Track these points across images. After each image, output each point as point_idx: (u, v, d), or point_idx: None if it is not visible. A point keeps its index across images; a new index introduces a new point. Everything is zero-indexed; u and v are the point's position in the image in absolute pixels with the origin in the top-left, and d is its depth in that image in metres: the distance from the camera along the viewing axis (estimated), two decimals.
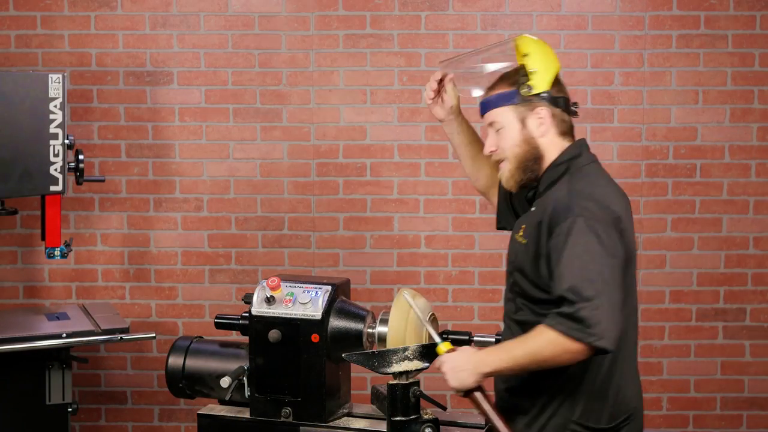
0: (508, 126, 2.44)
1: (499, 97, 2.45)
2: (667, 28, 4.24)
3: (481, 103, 2.51)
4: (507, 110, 2.44)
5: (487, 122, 2.48)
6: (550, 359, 2.22)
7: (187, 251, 4.33)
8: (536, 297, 2.38)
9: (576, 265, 2.20)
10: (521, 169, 2.44)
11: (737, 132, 4.25)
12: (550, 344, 2.19)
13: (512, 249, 2.49)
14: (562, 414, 2.37)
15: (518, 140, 2.43)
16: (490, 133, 2.49)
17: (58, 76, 3.55)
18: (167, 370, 3.00)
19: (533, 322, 2.30)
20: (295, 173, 4.31)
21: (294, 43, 4.28)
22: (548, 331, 2.20)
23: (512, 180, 2.47)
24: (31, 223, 4.25)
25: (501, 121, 2.45)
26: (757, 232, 4.28)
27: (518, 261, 2.42)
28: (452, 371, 2.33)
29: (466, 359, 2.32)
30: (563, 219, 2.27)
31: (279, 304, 2.83)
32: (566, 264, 2.22)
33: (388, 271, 4.32)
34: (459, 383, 2.33)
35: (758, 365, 4.31)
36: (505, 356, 2.28)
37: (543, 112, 2.42)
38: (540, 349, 2.21)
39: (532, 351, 2.23)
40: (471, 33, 4.26)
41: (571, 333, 2.16)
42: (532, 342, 2.23)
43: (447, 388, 4.39)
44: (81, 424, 4.33)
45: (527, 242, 2.39)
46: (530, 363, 2.25)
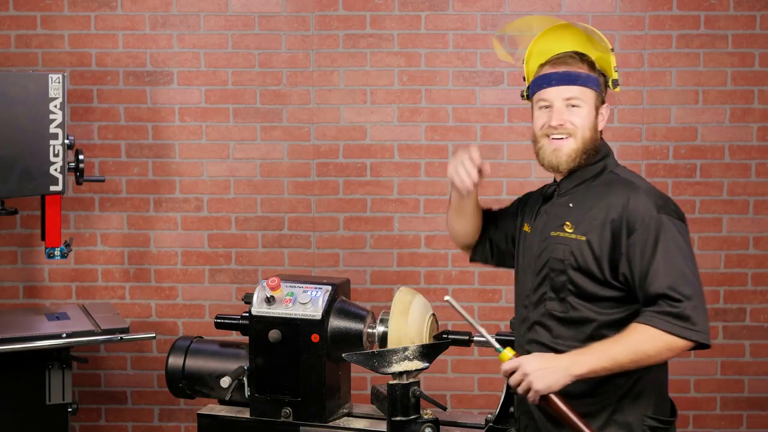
0: (587, 108, 2.43)
1: (588, 77, 2.43)
2: (667, 28, 4.24)
3: (565, 74, 2.43)
4: (590, 93, 2.43)
5: (564, 96, 2.42)
6: (653, 356, 2.25)
7: (187, 251, 4.33)
8: (600, 295, 2.36)
9: (673, 263, 2.25)
10: (584, 153, 2.43)
11: (737, 132, 4.25)
12: (655, 342, 2.22)
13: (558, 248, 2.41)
14: (638, 411, 2.38)
15: (591, 125, 2.43)
16: (559, 107, 2.42)
17: (58, 76, 3.55)
18: (167, 370, 3.00)
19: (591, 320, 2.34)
20: (295, 173, 4.31)
21: (294, 43, 4.28)
22: (651, 330, 2.22)
23: (571, 161, 2.43)
24: (31, 223, 4.25)
25: (585, 100, 2.43)
26: (757, 232, 4.28)
27: (576, 259, 2.37)
28: (540, 372, 2.27)
29: (555, 361, 2.29)
30: (648, 217, 2.29)
31: (279, 304, 2.83)
32: (663, 263, 2.25)
33: (388, 271, 4.32)
34: (546, 385, 2.26)
35: (758, 365, 4.31)
36: (604, 356, 2.25)
37: (606, 110, 2.47)
38: (643, 348, 2.23)
39: (634, 349, 2.24)
40: (471, 33, 4.26)
41: (676, 331, 2.21)
42: (634, 341, 2.24)
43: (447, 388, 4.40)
44: (81, 424, 4.33)
45: (589, 239, 2.35)
46: (631, 362, 2.26)
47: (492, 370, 4.30)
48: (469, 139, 4.27)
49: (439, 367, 4.18)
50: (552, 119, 2.42)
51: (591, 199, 2.41)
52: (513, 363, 2.31)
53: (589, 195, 2.42)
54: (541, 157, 2.46)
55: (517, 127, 4.26)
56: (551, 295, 2.43)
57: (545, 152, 2.45)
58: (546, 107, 2.45)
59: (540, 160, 2.48)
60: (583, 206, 2.41)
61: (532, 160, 4.27)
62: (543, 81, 2.45)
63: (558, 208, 2.48)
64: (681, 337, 2.22)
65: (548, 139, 2.44)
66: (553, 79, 2.43)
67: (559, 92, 2.42)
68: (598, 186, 2.43)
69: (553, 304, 2.43)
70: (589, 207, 2.40)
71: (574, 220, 2.40)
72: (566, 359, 2.29)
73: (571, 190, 2.47)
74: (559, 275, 2.40)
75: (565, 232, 2.40)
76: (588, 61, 2.46)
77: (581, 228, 2.38)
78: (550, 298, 2.43)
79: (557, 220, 2.45)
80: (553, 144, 2.43)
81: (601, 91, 2.46)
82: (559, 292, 2.41)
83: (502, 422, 2.76)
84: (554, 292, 2.42)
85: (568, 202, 2.45)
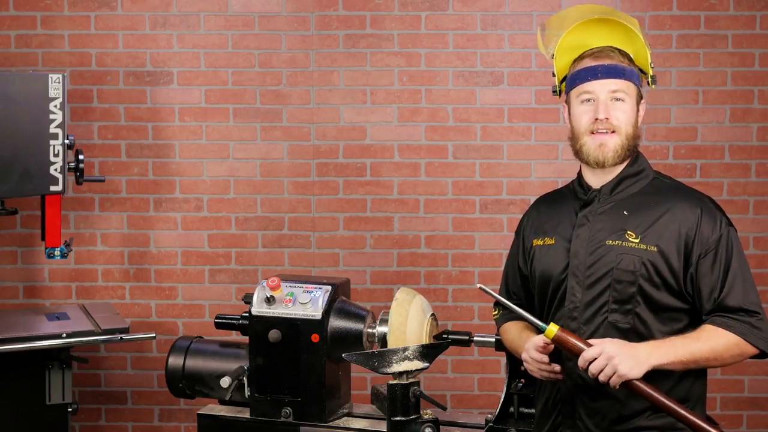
0: (630, 102, 2.39)
1: (632, 72, 2.40)
2: (667, 28, 4.24)
3: (611, 66, 2.38)
4: (634, 88, 2.41)
5: (610, 89, 2.36)
6: (726, 360, 2.33)
7: (187, 251, 4.33)
8: (672, 306, 2.35)
9: (746, 277, 2.35)
10: (627, 148, 2.39)
11: (737, 132, 4.25)
12: (733, 347, 2.30)
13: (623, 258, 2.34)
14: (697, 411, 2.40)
15: (633, 121, 2.40)
16: (604, 101, 2.36)
17: (58, 76, 3.55)
18: (167, 370, 3.00)
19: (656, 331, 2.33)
20: (295, 173, 4.31)
21: (294, 43, 4.28)
22: (730, 335, 2.29)
23: (617, 156, 2.38)
24: (31, 223, 4.25)
25: (629, 94, 2.39)
26: (757, 232, 4.28)
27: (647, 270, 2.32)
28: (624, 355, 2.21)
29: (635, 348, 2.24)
30: (720, 229, 2.34)
31: (279, 304, 2.83)
32: (739, 277, 2.34)
33: (388, 271, 4.32)
34: (630, 369, 2.20)
35: (758, 365, 4.30)
36: (683, 350, 2.27)
37: (643, 107, 2.45)
38: (722, 351, 2.30)
39: (714, 351, 2.29)
40: (471, 33, 4.26)
41: (752, 339, 2.30)
42: (714, 343, 2.29)
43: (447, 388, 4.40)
44: (81, 424, 4.33)
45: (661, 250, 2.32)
46: (706, 360, 2.31)
47: (492, 370, 4.30)
48: (469, 139, 4.27)
49: (439, 367, 4.19)
50: (599, 112, 2.35)
51: (649, 208, 2.37)
52: (595, 350, 2.23)
53: (644, 203, 2.38)
54: (585, 153, 2.38)
55: (517, 127, 4.26)
56: (614, 306, 2.34)
57: (589, 148, 2.38)
58: (588, 101, 2.38)
59: (584, 157, 2.40)
60: (642, 215, 2.36)
61: (532, 160, 4.31)
62: (587, 74, 2.38)
63: (608, 216, 2.39)
64: (755, 345, 2.31)
65: (591, 135, 2.37)
66: (598, 71, 2.37)
67: (604, 85, 2.36)
68: (650, 193, 2.40)
69: (616, 316, 2.34)
70: (650, 216, 2.35)
71: (636, 229, 2.35)
72: (646, 348, 2.26)
73: (615, 195, 2.41)
74: (628, 286, 2.33)
75: (629, 242, 2.33)
76: (627, 56, 2.42)
77: (650, 238, 2.33)
78: (612, 309, 2.34)
79: (613, 228, 2.37)
80: (597, 139, 2.37)
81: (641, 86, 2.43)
82: (626, 303, 2.34)
83: (502, 422, 2.76)
84: (619, 304, 2.34)
85: (620, 210, 2.39)
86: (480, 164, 4.28)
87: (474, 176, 4.29)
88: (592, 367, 2.23)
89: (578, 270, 2.38)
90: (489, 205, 4.30)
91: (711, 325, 2.30)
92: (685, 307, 2.36)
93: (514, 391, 2.81)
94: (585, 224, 2.40)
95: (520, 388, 2.81)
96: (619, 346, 2.24)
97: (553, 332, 2.27)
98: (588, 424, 2.37)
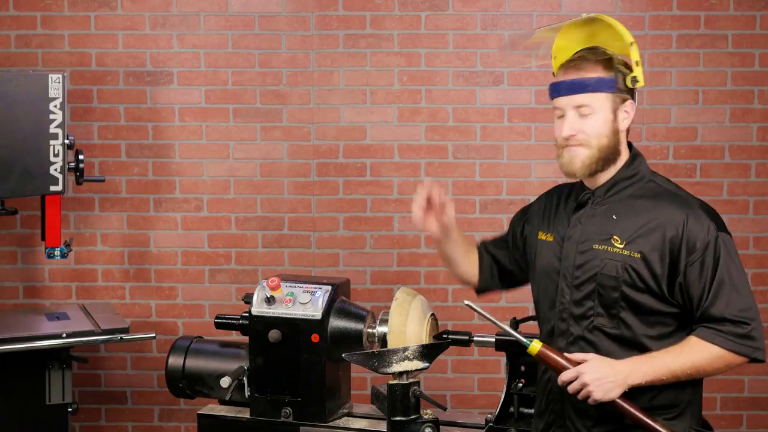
0: (600, 113, 2.34)
1: (599, 81, 2.34)
2: (667, 28, 4.24)
3: (572, 82, 2.36)
4: (603, 97, 2.34)
5: (574, 104, 2.35)
6: (710, 372, 2.29)
7: (187, 251, 4.33)
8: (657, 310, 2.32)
9: (734, 285, 2.27)
10: (601, 160, 2.36)
11: (737, 132, 4.25)
12: (716, 359, 2.27)
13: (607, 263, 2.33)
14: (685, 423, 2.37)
15: (607, 131, 2.35)
16: (571, 116, 2.35)
17: (58, 76, 3.55)
18: (167, 370, 3.00)
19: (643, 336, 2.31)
20: (295, 173, 4.31)
21: (294, 43, 4.28)
22: (713, 348, 2.26)
23: (586, 168, 2.36)
24: (31, 223, 4.25)
25: (594, 106, 2.34)
26: (757, 232, 4.28)
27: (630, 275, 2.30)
28: (598, 382, 2.25)
29: (613, 370, 2.26)
30: (707, 236, 2.28)
31: (279, 304, 2.83)
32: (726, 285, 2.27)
33: (388, 271, 4.32)
34: (604, 394, 2.25)
35: (758, 365, 4.28)
36: (663, 369, 2.26)
37: (630, 107, 2.38)
38: (705, 364, 2.27)
39: (695, 365, 2.27)
40: (471, 33, 4.26)
41: (738, 349, 2.26)
42: (695, 357, 2.26)
43: (447, 388, 4.39)
44: (81, 424, 4.33)
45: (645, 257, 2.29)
46: (688, 375, 2.28)
47: (492, 370, 4.30)
48: (469, 139, 4.27)
49: (439, 367, 4.18)
50: (564, 129, 2.36)
51: (637, 212, 2.33)
52: (571, 373, 2.28)
53: (634, 207, 2.34)
54: (560, 165, 2.41)
55: (517, 127, 4.26)
56: (600, 310, 2.35)
57: (563, 160, 2.39)
58: (561, 116, 2.39)
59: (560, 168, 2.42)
60: (630, 219, 2.33)
61: (532, 160, 4.31)
62: (553, 90, 2.40)
63: (598, 219, 2.38)
64: (742, 354, 2.27)
65: (566, 148, 2.38)
66: (562, 88, 2.37)
67: (570, 101, 2.35)
68: (642, 197, 2.36)
69: (602, 320, 2.35)
70: (637, 220, 2.32)
71: (622, 234, 2.32)
72: (625, 368, 2.26)
73: (608, 198, 2.39)
74: (612, 291, 2.32)
75: (614, 247, 2.32)
76: (603, 60, 2.37)
77: (634, 244, 2.30)
78: (598, 313, 2.35)
79: (601, 233, 2.36)
80: (570, 152, 2.37)
81: (621, 89, 2.35)
82: (610, 308, 2.33)
83: (502, 422, 2.76)
84: (604, 308, 2.34)
85: (610, 213, 2.37)
86: (480, 164, 4.28)
87: (474, 176, 4.29)
88: (569, 387, 2.29)
89: (567, 272, 2.40)
90: (489, 205, 4.30)
91: (695, 337, 2.27)
92: (672, 311, 2.32)
93: (514, 391, 2.81)
94: (577, 226, 2.41)
95: (520, 388, 2.81)
96: (596, 368, 2.27)
97: (536, 349, 2.34)
98: (577, 424, 2.39)
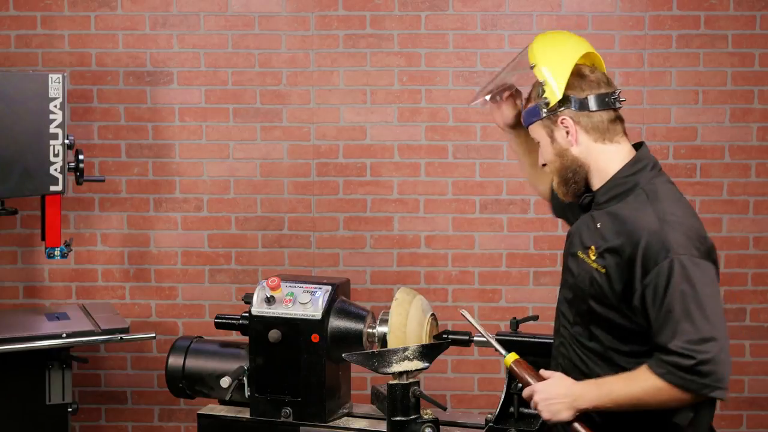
0: (542, 141, 2.35)
1: (527, 113, 2.37)
2: (667, 28, 4.24)
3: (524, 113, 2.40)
4: (537, 126, 2.34)
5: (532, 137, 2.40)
6: (655, 406, 2.15)
7: (187, 251, 4.33)
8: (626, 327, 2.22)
9: (690, 314, 2.07)
10: (563, 182, 2.34)
11: (737, 132, 4.25)
12: (659, 393, 2.12)
13: (581, 273, 2.29)
14: None
15: (552, 155, 2.33)
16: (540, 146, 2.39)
17: (58, 76, 3.55)
18: (167, 370, 3.00)
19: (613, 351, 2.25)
20: (295, 173, 4.31)
21: (294, 43, 4.28)
22: (656, 380, 2.11)
23: (560, 192, 2.37)
24: (31, 223, 4.25)
25: (536, 136, 2.36)
26: (757, 232, 4.28)
27: (596, 290, 2.24)
28: (545, 402, 2.25)
29: (563, 392, 2.24)
30: (662, 258, 2.10)
31: (279, 304, 2.83)
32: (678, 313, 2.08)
33: (388, 271, 4.32)
34: (552, 415, 2.25)
35: (758, 365, 4.31)
36: (606, 398, 2.19)
37: (567, 121, 2.29)
38: (646, 397, 2.14)
39: (636, 396, 2.15)
40: (471, 33, 4.26)
41: (685, 384, 2.09)
42: (638, 388, 2.14)
43: (447, 388, 4.40)
44: (81, 424, 4.33)
45: (608, 273, 2.20)
46: (632, 407, 2.18)
47: (492, 370, 4.30)
48: (469, 139, 4.27)
49: (439, 367, 4.18)
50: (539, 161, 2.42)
51: (616, 224, 2.22)
52: (527, 391, 2.31)
53: (618, 217, 2.23)
54: None
55: None
56: (577, 318, 2.33)
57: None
58: None
59: None
60: (608, 230, 2.23)
61: None
62: None
63: (589, 225, 2.32)
64: (687, 390, 2.09)
65: None
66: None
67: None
68: (627, 208, 2.23)
69: (578, 329, 2.33)
70: (611, 234, 2.22)
71: (597, 246, 2.25)
72: (575, 391, 2.23)
73: (603, 204, 2.29)
74: (581, 303, 2.29)
75: (589, 258, 2.26)
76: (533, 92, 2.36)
77: (602, 258, 2.22)
78: (576, 322, 2.33)
79: (585, 239, 2.30)
80: None
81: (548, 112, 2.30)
82: (583, 318, 2.30)
83: (502, 422, 2.76)
84: (579, 317, 2.32)
85: (597, 221, 2.30)
86: (480, 164, 4.28)
87: (474, 176, 4.29)
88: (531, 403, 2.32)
89: (565, 268, 2.41)
90: (489, 205, 4.30)
91: (646, 365, 2.15)
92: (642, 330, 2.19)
93: (514, 391, 2.80)
94: (578, 227, 2.38)
95: (520, 388, 2.81)
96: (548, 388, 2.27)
97: (509, 362, 2.39)
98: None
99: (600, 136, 2.31)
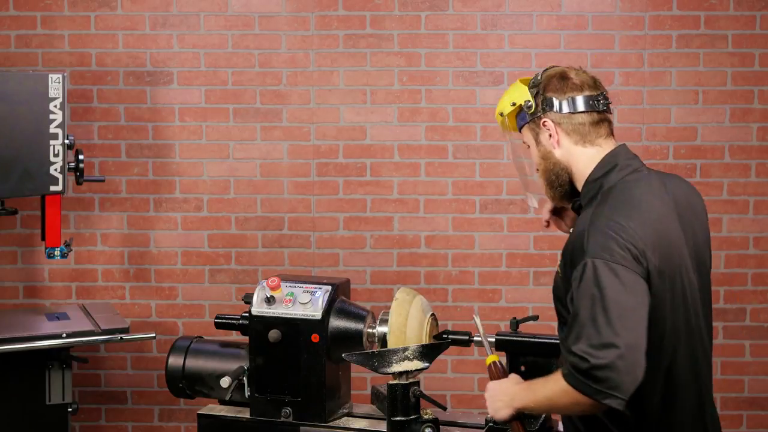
0: (530, 144, 2.37)
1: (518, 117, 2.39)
2: (667, 28, 4.24)
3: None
4: (525, 129, 2.37)
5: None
6: (565, 409, 2.19)
7: (187, 251, 4.33)
8: None
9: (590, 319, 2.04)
10: (549, 186, 2.34)
11: (737, 132, 4.26)
12: (564, 395, 2.10)
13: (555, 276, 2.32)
14: None
15: (538, 157, 2.34)
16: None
17: (58, 76, 3.55)
18: (167, 370, 3.00)
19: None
20: (295, 173, 4.31)
21: (294, 43, 4.28)
22: (563, 382, 2.09)
23: (548, 196, 2.37)
24: (31, 223, 4.25)
25: (526, 140, 2.38)
26: (757, 232, 4.28)
27: (558, 291, 2.29)
28: (490, 400, 2.32)
29: (504, 391, 2.30)
30: (579, 260, 2.10)
31: (279, 304, 2.83)
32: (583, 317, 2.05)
33: (388, 271, 4.32)
34: (494, 412, 2.30)
35: (758, 365, 4.31)
36: (531, 396, 2.23)
37: (548, 123, 2.29)
38: (556, 398, 2.13)
39: (549, 397, 2.16)
40: (471, 33, 4.26)
41: (580, 387, 2.05)
42: (549, 388, 2.16)
43: (447, 388, 4.40)
44: (81, 424, 4.33)
45: (563, 274, 2.23)
46: (549, 408, 2.24)
47: None
48: (469, 139, 4.27)
49: (439, 367, 4.19)
50: None
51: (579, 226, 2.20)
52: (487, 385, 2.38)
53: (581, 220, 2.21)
54: None
55: None
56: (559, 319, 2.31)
57: None
58: None
59: None
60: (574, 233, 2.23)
61: None
62: None
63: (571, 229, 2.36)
64: (584, 393, 2.04)
65: None
66: None
67: None
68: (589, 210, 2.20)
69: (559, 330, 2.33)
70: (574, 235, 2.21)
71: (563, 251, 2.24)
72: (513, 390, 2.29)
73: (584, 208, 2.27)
74: (555, 303, 2.31)
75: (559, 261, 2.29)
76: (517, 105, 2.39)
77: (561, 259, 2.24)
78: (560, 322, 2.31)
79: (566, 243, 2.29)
80: None
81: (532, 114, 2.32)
82: (559, 318, 2.30)
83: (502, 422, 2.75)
84: (559, 317, 2.31)
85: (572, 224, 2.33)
86: (480, 164, 4.29)
87: (474, 176, 4.29)
88: None
89: None
90: (489, 205, 4.30)
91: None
92: None
93: None
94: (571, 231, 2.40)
95: None
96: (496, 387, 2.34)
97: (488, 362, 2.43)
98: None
99: (580, 138, 2.28)
